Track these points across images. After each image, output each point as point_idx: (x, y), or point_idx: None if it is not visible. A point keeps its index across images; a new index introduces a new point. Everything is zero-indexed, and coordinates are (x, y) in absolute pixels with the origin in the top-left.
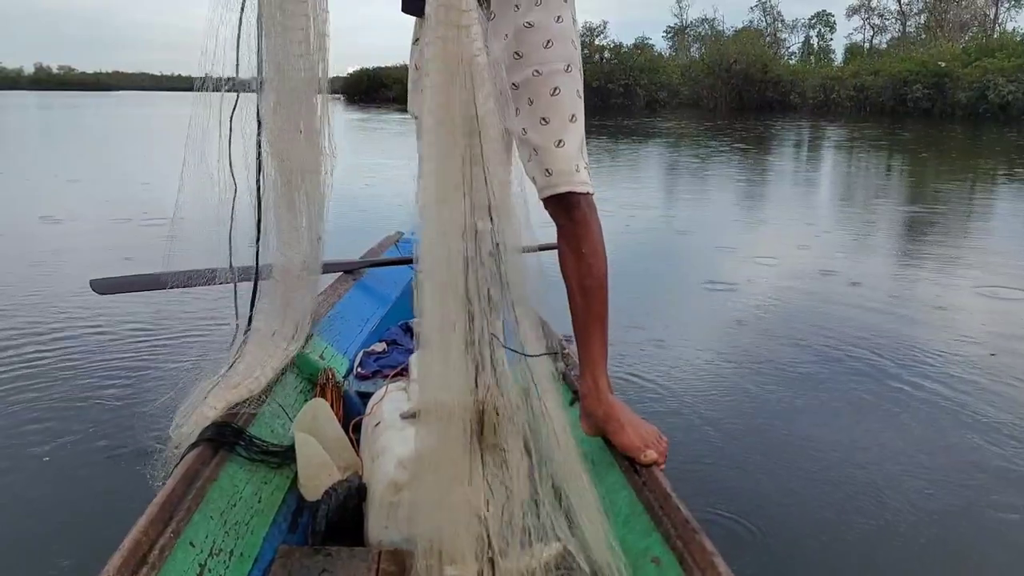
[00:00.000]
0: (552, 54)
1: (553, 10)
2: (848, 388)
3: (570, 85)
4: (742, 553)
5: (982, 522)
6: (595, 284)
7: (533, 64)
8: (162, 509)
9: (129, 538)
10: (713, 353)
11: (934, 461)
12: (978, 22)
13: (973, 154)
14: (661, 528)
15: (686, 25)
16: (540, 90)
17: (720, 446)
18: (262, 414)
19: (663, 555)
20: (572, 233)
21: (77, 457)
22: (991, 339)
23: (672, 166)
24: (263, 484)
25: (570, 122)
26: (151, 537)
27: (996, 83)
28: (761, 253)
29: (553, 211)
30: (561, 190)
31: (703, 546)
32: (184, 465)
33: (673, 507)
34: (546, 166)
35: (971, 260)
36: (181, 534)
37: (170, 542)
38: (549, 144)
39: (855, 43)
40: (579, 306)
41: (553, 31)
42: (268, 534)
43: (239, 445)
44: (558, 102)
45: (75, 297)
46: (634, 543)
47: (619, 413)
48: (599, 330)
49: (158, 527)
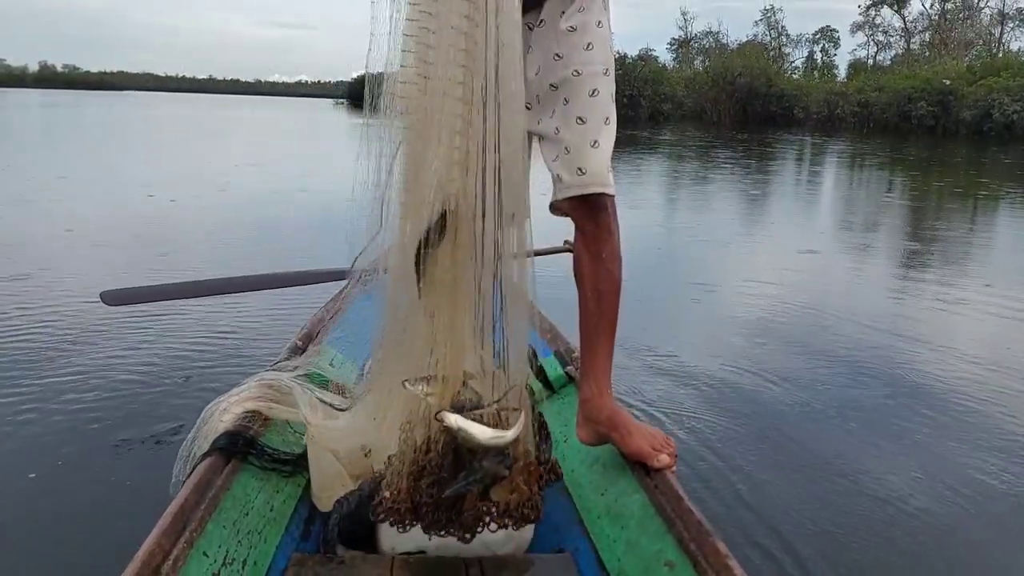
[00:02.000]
0: (592, 56)
1: (595, 15)
2: (865, 398)
3: (606, 88)
4: (757, 555)
5: (998, 529)
6: (610, 289)
7: (573, 65)
8: (175, 519)
9: (143, 550)
10: (719, 360)
11: (946, 472)
12: (982, 40)
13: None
14: (674, 531)
15: (690, 37)
16: (578, 90)
17: (731, 449)
18: (274, 423)
19: (677, 558)
20: (595, 236)
21: (94, 464)
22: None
23: (678, 179)
24: (275, 493)
25: (605, 124)
26: (164, 548)
27: (1001, 102)
28: (764, 268)
29: (577, 213)
30: (594, 191)
31: (717, 549)
32: (197, 475)
33: (686, 510)
34: (579, 165)
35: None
36: (194, 544)
37: (183, 552)
38: (584, 143)
39: (859, 59)
40: (591, 311)
41: (594, 35)
42: (281, 542)
43: (251, 454)
44: (595, 103)
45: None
46: (647, 546)
47: (623, 419)
48: (608, 336)
49: (171, 538)
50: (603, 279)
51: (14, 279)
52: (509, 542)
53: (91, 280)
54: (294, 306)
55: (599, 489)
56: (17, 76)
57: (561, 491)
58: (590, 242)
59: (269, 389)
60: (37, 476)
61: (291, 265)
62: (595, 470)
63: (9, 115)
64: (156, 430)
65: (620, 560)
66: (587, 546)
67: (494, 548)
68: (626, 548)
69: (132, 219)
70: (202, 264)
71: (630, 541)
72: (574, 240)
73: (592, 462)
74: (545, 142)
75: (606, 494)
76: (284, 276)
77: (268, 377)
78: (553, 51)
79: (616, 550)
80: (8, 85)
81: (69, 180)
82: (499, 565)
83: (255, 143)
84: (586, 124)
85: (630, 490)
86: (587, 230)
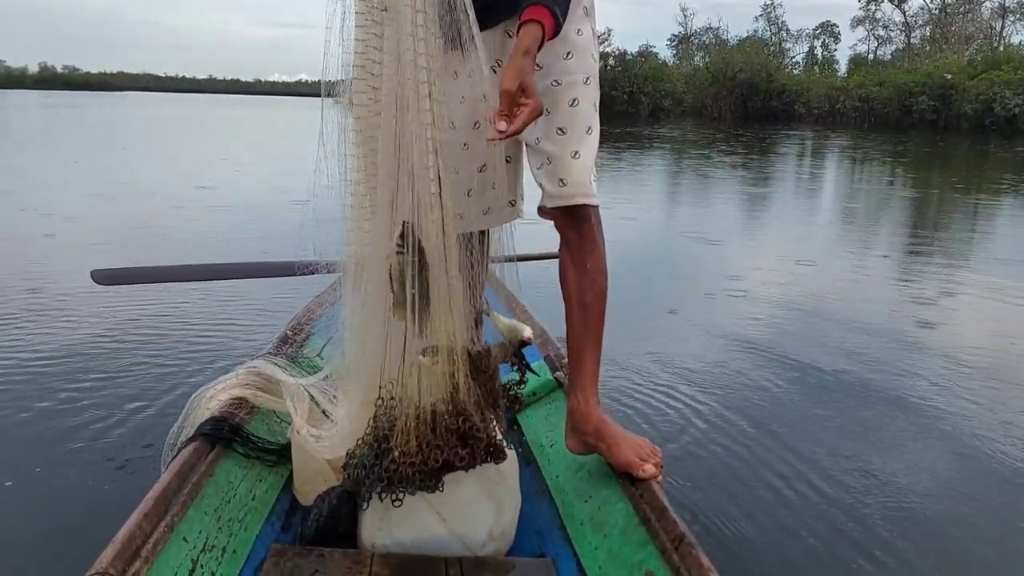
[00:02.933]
0: (572, 65)
1: (574, 23)
2: (852, 402)
3: (588, 97)
4: (739, 569)
5: (998, 531)
6: (595, 300)
7: (553, 75)
8: (156, 503)
9: (123, 531)
10: (709, 363)
11: (937, 477)
12: (983, 35)
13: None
14: (657, 541)
15: (690, 34)
16: (558, 100)
17: (716, 459)
18: (260, 411)
19: (658, 569)
20: (579, 247)
21: (78, 450)
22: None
23: (680, 180)
24: (258, 482)
25: (586, 134)
26: (145, 531)
27: (1003, 96)
28: (765, 268)
29: (560, 223)
30: (576, 202)
31: (700, 561)
32: (180, 460)
33: (670, 521)
34: (560, 176)
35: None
36: (174, 528)
37: (163, 536)
38: (565, 154)
39: (859, 54)
40: (576, 322)
41: (573, 43)
42: (261, 532)
43: (236, 442)
44: (575, 113)
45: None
46: (629, 556)
47: (610, 430)
48: (594, 347)
49: (152, 521)
50: (587, 290)
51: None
52: (491, 543)
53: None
54: (285, 296)
55: (583, 496)
56: (16, 77)
57: (545, 496)
58: (574, 253)
59: (258, 377)
60: (19, 462)
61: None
62: (580, 477)
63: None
64: (143, 415)
65: (601, 568)
66: (568, 552)
67: (475, 549)
68: (607, 556)
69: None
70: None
71: (612, 550)
72: (559, 251)
73: (578, 468)
74: (530, 151)
75: (590, 501)
76: (277, 265)
77: (257, 365)
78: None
79: (598, 558)
80: (7, 86)
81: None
82: (479, 566)
83: (254, 143)
84: (566, 135)
85: (614, 498)
86: (571, 240)
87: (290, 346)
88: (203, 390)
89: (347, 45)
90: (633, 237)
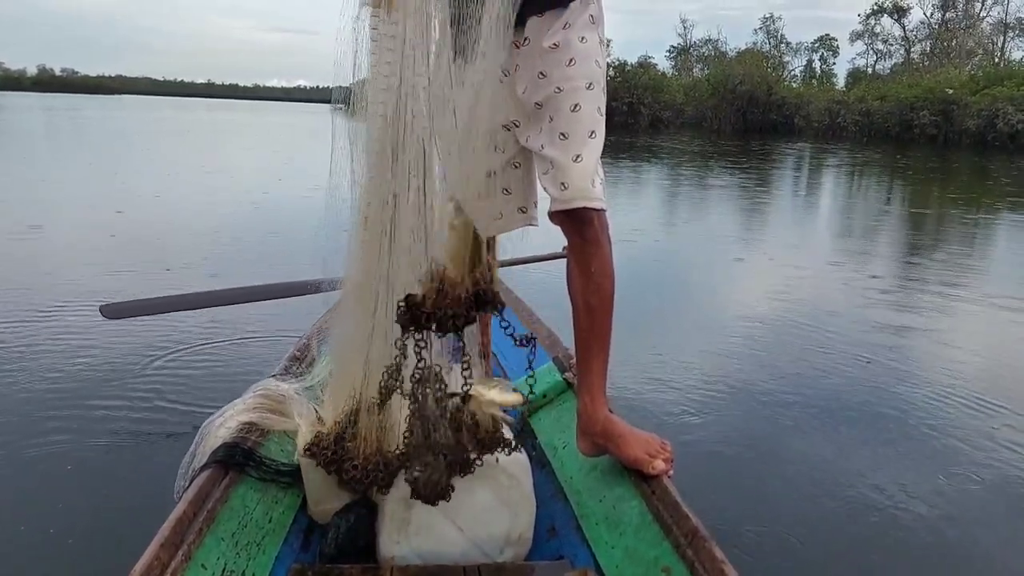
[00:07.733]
0: (574, 72)
1: (579, 31)
2: (861, 408)
3: (591, 102)
4: (752, 561)
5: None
6: (601, 304)
7: (555, 82)
8: (173, 531)
9: (141, 562)
10: (717, 366)
11: (948, 479)
12: (983, 50)
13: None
14: (671, 537)
15: (690, 45)
16: (561, 106)
17: (728, 456)
18: (272, 434)
19: (673, 564)
20: (583, 251)
21: (92, 480)
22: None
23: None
24: (274, 504)
25: (589, 138)
26: (163, 561)
27: (1005, 112)
28: (769, 282)
29: (565, 227)
30: (576, 205)
31: (713, 555)
32: (195, 487)
33: (683, 516)
34: (562, 180)
35: None
36: (192, 557)
37: (181, 565)
38: (567, 159)
39: (857, 68)
40: (583, 325)
41: (576, 50)
42: (280, 554)
43: (249, 465)
44: (577, 118)
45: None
46: (644, 553)
47: (618, 429)
48: (601, 350)
49: (170, 550)
50: (593, 294)
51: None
52: (509, 549)
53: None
54: (293, 317)
55: (598, 496)
56: (15, 79)
57: (560, 498)
58: (579, 256)
59: (267, 400)
60: (34, 491)
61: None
62: (593, 476)
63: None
64: (156, 444)
65: (618, 567)
66: (586, 553)
67: (494, 555)
68: (624, 555)
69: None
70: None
71: (628, 548)
72: (567, 254)
73: (590, 469)
74: (536, 157)
75: (604, 500)
76: (285, 286)
77: (266, 387)
78: (538, 69)
79: (614, 557)
80: (6, 88)
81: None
82: (498, 572)
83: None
84: (568, 140)
85: (627, 496)
86: (575, 244)
87: (299, 365)
88: (213, 417)
89: (359, 55)
90: (637, 251)
